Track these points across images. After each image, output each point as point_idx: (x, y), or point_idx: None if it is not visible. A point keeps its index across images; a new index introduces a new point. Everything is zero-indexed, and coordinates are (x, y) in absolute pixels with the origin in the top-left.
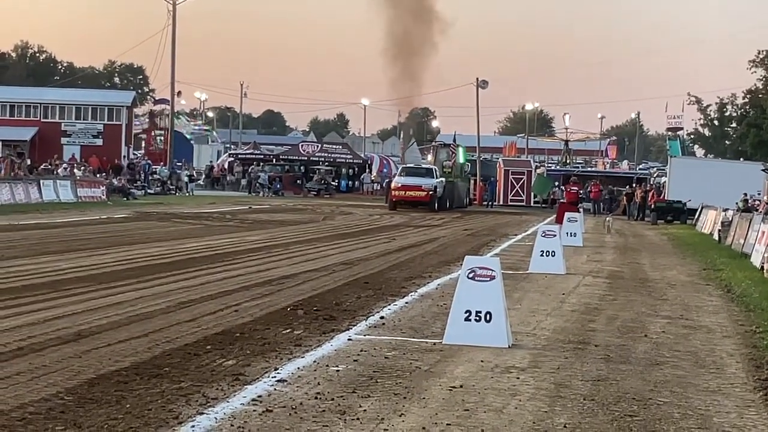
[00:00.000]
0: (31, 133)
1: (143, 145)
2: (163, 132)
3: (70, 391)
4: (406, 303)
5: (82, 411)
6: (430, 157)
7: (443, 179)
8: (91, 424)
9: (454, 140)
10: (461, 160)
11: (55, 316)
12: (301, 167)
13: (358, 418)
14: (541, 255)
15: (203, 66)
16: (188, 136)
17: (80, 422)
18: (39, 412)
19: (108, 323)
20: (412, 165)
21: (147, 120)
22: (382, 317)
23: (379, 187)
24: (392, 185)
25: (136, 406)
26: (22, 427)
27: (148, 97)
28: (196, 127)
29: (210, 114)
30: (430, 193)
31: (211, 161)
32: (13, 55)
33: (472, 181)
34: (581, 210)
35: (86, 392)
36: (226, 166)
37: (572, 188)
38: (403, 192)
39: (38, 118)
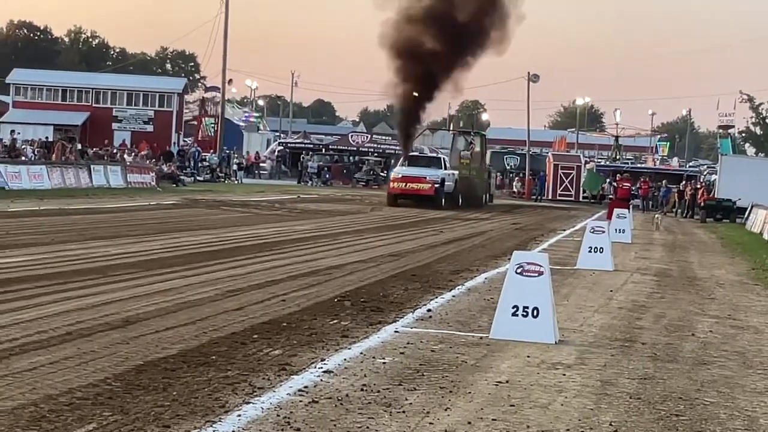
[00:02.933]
0: (83, 118)
1: (194, 131)
2: (213, 119)
3: (118, 377)
4: (453, 296)
5: (129, 397)
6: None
7: (454, 171)
8: (138, 411)
9: (473, 127)
10: (478, 149)
11: (104, 301)
12: (351, 157)
13: (403, 411)
14: (590, 251)
15: (255, 54)
16: (238, 124)
17: (127, 408)
18: (87, 397)
19: (156, 310)
20: (416, 153)
21: (198, 107)
22: (429, 310)
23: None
24: (392, 176)
25: (182, 393)
26: (69, 411)
27: (200, 84)
28: (246, 115)
29: (260, 102)
30: (435, 185)
31: (247, 151)
32: (66, 40)
33: (494, 176)
34: (631, 206)
35: (133, 378)
36: (275, 153)
37: (624, 184)
38: (404, 184)
39: (90, 104)
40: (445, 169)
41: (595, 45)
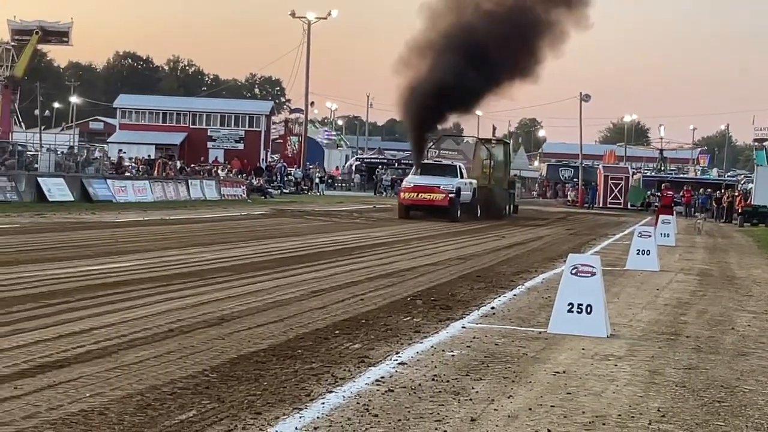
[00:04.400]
0: (181, 138)
1: (280, 149)
2: (297, 138)
3: (215, 369)
4: (515, 295)
5: (224, 387)
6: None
7: (472, 181)
8: (233, 400)
9: (494, 134)
10: (501, 159)
11: (202, 302)
12: None
13: (470, 399)
14: (637, 253)
15: (334, 79)
16: (320, 142)
17: (223, 397)
18: (187, 387)
19: (248, 309)
20: (431, 161)
21: (283, 127)
22: (492, 308)
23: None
24: (403, 185)
25: (272, 383)
26: (172, 400)
27: (285, 106)
28: (327, 134)
29: (339, 122)
30: (450, 196)
31: (328, 166)
32: (166, 68)
33: (517, 188)
34: (674, 213)
35: (228, 370)
36: (353, 168)
37: (668, 192)
38: (415, 194)
39: (187, 125)
40: (462, 177)
41: (641, 66)
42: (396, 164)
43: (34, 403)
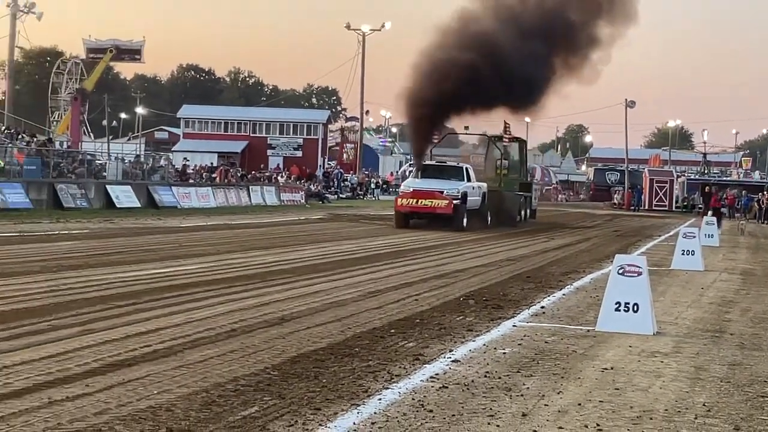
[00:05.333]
0: (242, 146)
1: (337, 156)
2: (353, 145)
3: (276, 367)
4: (564, 294)
5: (285, 384)
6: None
7: (481, 185)
8: (293, 396)
9: (506, 130)
10: (516, 158)
11: (263, 302)
12: None
13: (522, 395)
14: (682, 254)
15: (389, 87)
16: (375, 149)
17: (284, 394)
18: (249, 384)
19: (307, 309)
20: (434, 162)
21: (339, 135)
22: (542, 307)
23: (538, 194)
24: (400, 191)
25: (331, 381)
26: (235, 397)
27: (341, 115)
28: (382, 141)
29: (393, 129)
30: (455, 202)
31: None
32: (228, 79)
33: (534, 190)
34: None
35: (289, 368)
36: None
37: (712, 196)
38: (414, 200)
39: (248, 134)
40: (469, 180)
41: (684, 71)
42: None
43: (105, 400)
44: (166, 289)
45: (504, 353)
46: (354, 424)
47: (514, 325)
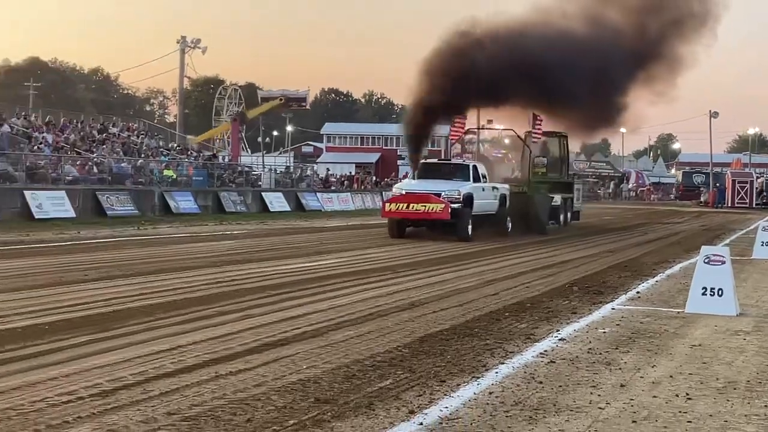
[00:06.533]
0: (376, 158)
1: None
2: (471, 155)
3: (406, 346)
4: (656, 281)
5: (415, 360)
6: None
7: (498, 186)
8: (421, 370)
9: (534, 124)
10: (557, 156)
11: (395, 291)
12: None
13: (620, 368)
14: (762, 245)
15: None
16: (491, 160)
17: (414, 368)
18: (384, 360)
19: (433, 296)
20: (434, 160)
21: (459, 146)
22: (638, 292)
23: (634, 195)
24: (392, 192)
25: (454, 357)
26: (372, 371)
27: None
28: (496, 152)
29: (506, 141)
30: (453, 206)
31: None
32: (363, 100)
33: (576, 191)
34: None
35: (418, 347)
36: None
37: None
38: (404, 205)
39: (381, 146)
40: (477, 181)
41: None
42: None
43: (262, 374)
44: (312, 280)
45: (604, 332)
46: (474, 394)
47: (612, 308)
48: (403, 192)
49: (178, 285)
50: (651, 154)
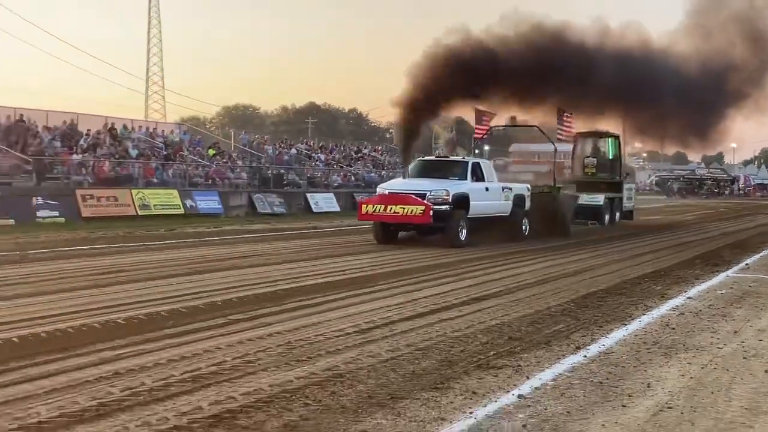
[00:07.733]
0: None
1: None
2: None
3: (572, 301)
4: (762, 255)
5: (579, 312)
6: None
7: (512, 186)
8: (585, 319)
9: (563, 115)
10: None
11: (566, 262)
12: (697, 182)
13: (734, 319)
14: None
15: None
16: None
17: (579, 317)
18: (557, 311)
19: (590, 266)
20: (430, 158)
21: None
22: (747, 264)
23: (743, 193)
24: (377, 194)
25: (608, 309)
26: (549, 318)
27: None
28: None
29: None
30: (435, 207)
31: None
32: None
33: (627, 190)
34: None
35: (581, 302)
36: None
37: None
38: (381, 207)
39: None
40: (477, 180)
41: None
42: (680, 178)
43: (471, 319)
44: (504, 255)
45: (721, 293)
46: (623, 336)
47: (727, 276)
48: (386, 192)
49: (414, 257)
50: (756, 163)
